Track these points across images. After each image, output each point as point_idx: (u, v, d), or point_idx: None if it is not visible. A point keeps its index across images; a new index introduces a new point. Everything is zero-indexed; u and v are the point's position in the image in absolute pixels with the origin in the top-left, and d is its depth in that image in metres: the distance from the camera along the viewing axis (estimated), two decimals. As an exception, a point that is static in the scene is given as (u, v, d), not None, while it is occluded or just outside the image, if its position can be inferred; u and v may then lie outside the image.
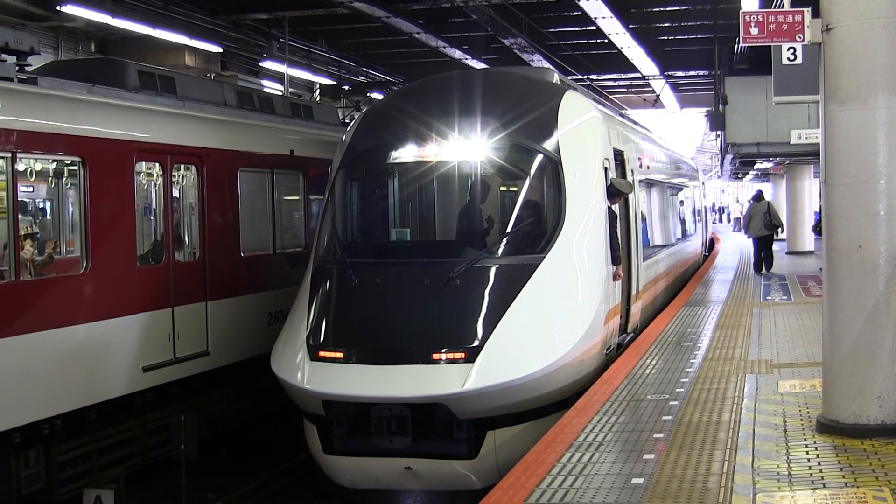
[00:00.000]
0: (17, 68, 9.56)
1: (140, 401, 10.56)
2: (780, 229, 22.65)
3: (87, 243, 9.64)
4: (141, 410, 10.70)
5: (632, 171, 11.67)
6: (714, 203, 65.55)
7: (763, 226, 21.40)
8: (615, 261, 10.10)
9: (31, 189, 10.36)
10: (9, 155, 8.79)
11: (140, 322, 10.30)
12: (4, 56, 9.46)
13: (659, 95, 33.82)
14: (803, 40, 7.24)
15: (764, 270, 21.77)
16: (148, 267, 10.70)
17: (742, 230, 29.13)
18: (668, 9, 23.94)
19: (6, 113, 8.74)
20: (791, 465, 6.34)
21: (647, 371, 9.73)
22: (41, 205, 10.78)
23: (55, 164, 10.07)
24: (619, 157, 11.54)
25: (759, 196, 22.91)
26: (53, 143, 9.40)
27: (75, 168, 9.75)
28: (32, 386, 8.94)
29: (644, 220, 14.01)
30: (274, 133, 13.34)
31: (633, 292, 11.59)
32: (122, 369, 10.03)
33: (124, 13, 17.41)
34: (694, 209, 24.44)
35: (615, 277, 10.20)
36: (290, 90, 22.68)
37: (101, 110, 10.12)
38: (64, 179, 10.33)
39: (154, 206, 11.13)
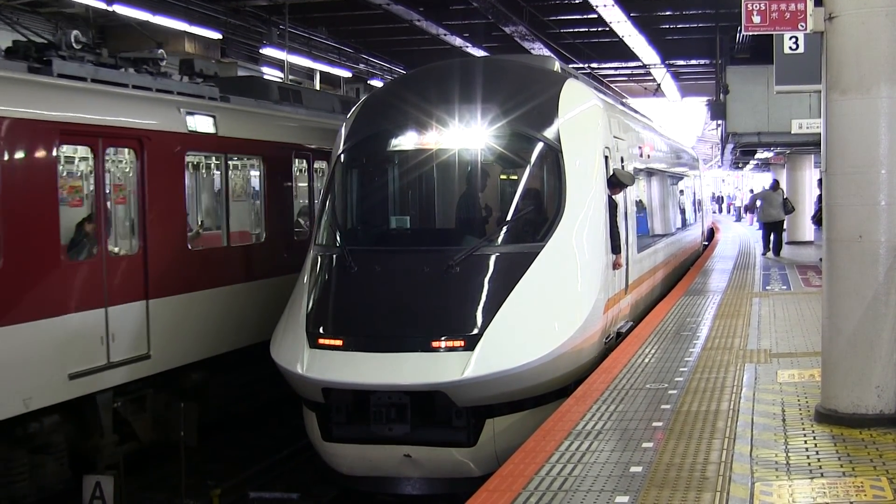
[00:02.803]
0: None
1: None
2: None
3: (265, 222, 12.69)
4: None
5: (621, 158, 11.50)
6: (714, 193, 65.34)
7: (783, 211, 22.89)
8: (615, 249, 10.09)
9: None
10: (223, 155, 11.92)
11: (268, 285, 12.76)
12: (197, 79, 12.20)
13: (660, 84, 33.79)
14: (806, 29, 7.20)
15: (772, 255, 22.71)
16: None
17: (754, 216, 29.93)
18: (669, -3, 23.89)
19: (221, 125, 11.64)
20: (789, 454, 6.35)
21: (647, 360, 9.74)
22: (239, 192, 13.26)
23: (244, 162, 12.82)
24: (618, 145, 11.46)
25: (775, 185, 24.41)
26: (245, 146, 12.34)
27: (256, 164, 12.69)
28: (206, 332, 11.35)
29: (644, 209, 13.97)
30: None
31: (623, 286, 11.20)
32: (253, 323, 12.21)
33: (124, -1, 17.35)
34: (694, 198, 24.46)
35: (615, 266, 10.20)
36: (290, 77, 22.63)
37: (273, 121, 13.11)
38: (248, 173, 13.14)
39: (296, 194, 13.83)
